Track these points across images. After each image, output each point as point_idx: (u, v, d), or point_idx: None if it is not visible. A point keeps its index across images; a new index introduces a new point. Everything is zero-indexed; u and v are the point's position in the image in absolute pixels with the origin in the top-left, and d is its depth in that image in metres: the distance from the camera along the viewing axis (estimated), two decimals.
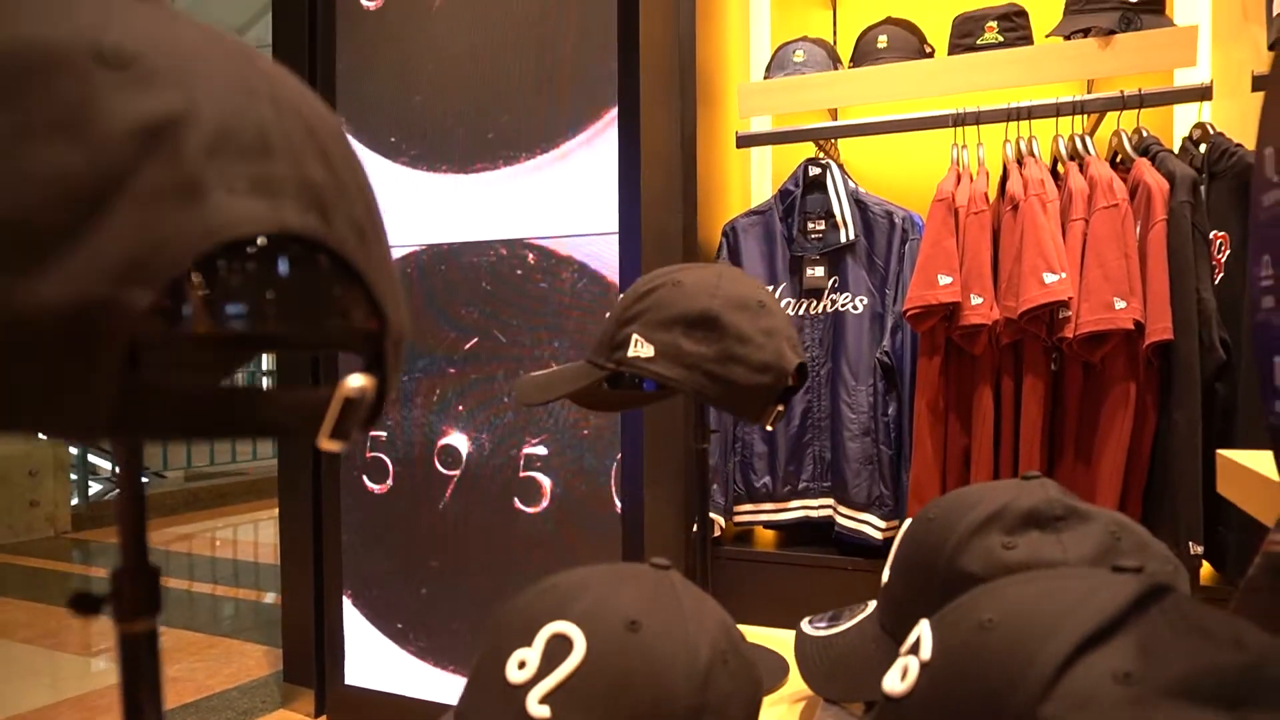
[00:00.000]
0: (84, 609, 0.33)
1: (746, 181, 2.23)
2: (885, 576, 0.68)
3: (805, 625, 0.78)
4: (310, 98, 0.30)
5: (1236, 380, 1.48)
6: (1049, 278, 1.50)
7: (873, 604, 0.72)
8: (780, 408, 0.84)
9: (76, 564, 3.79)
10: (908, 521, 0.67)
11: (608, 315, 0.85)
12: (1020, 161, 1.71)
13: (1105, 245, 1.50)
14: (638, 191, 1.93)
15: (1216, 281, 1.54)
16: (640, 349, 0.77)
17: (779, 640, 1.00)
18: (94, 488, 5.07)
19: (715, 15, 2.08)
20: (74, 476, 4.79)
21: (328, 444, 0.30)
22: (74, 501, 4.75)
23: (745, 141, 2.02)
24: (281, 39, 2.31)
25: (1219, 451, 0.79)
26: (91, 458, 5.15)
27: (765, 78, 2.07)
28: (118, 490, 0.39)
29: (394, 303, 0.32)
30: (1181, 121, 1.81)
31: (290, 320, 0.28)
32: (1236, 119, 1.77)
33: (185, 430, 0.26)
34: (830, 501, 1.91)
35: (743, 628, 1.15)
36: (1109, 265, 1.49)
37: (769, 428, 0.86)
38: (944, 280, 1.60)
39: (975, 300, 1.58)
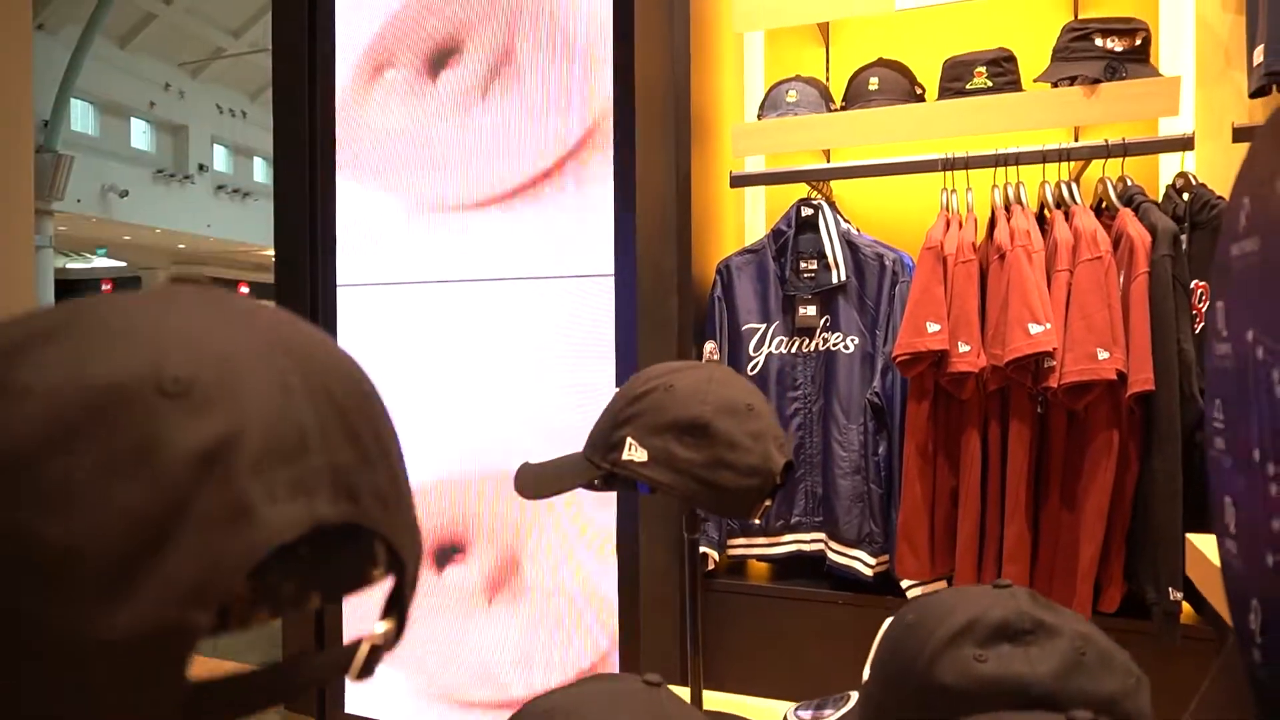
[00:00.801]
0: None
1: (740, 219, 2.26)
2: (866, 674, 0.71)
3: (791, 714, 0.81)
4: (336, 365, 0.34)
5: None
6: (1034, 328, 1.53)
7: (854, 695, 0.76)
8: (768, 502, 0.88)
9: None
10: (887, 621, 0.71)
11: (604, 410, 0.89)
12: (1008, 208, 1.75)
13: (1089, 297, 1.54)
14: (633, 232, 1.97)
15: (1197, 330, 1.58)
16: (635, 453, 0.80)
17: (765, 712, 1.04)
18: None
19: (709, 54, 2.11)
20: None
21: (356, 680, 0.33)
22: None
23: (739, 181, 2.06)
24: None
25: (1188, 536, 0.83)
26: None
27: (759, 116, 2.11)
28: None
29: (413, 554, 0.35)
30: (1167, 168, 1.85)
31: (316, 583, 0.31)
32: (1220, 165, 1.81)
33: (245, 709, 0.29)
34: (822, 536, 1.95)
35: (730, 697, 1.19)
36: (1092, 316, 1.53)
37: (756, 520, 0.90)
38: (932, 328, 1.63)
39: (963, 348, 1.61)
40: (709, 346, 2.02)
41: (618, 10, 2.05)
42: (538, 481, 0.87)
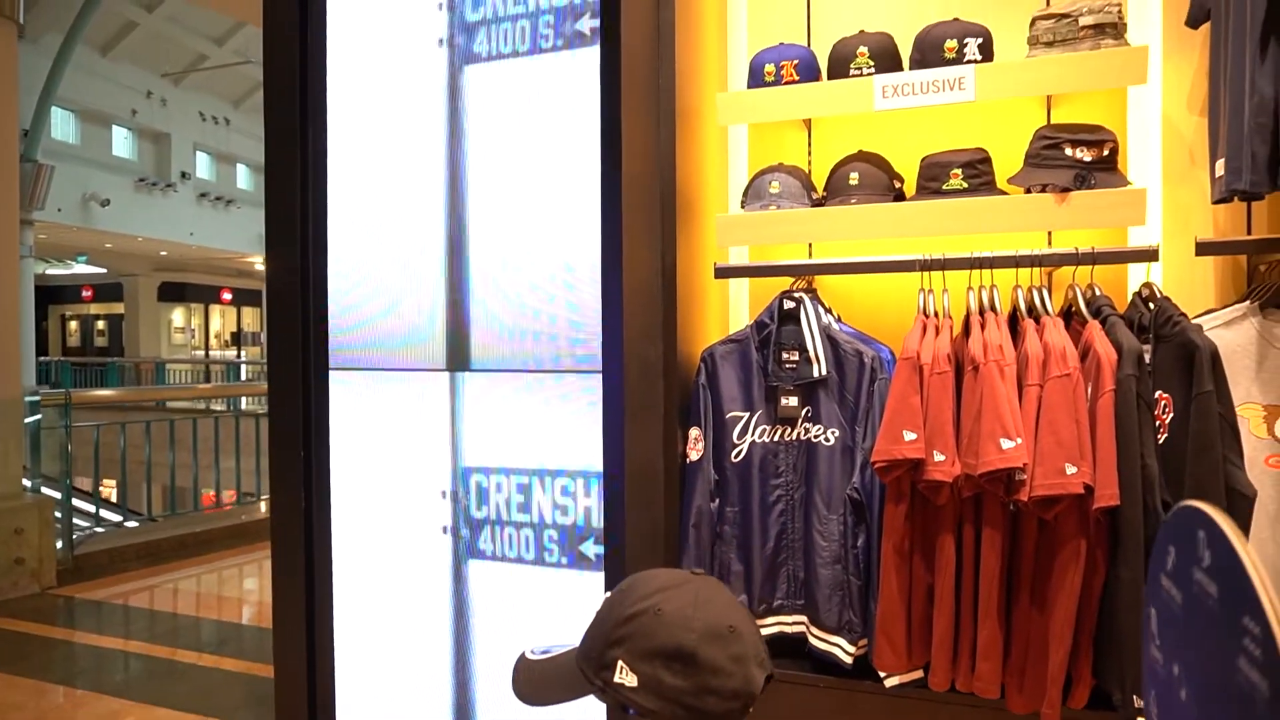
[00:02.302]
0: None
1: (725, 306, 2.32)
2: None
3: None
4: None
5: None
6: (1005, 444, 1.60)
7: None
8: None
9: (61, 626, 3.82)
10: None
11: (596, 616, 0.95)
12: (982, 313, 1.82)
13: (1058, 413, 1.60)
14: (620, 326, 2.02)
15: (1161, 441, 1.65)
16: (625, 677, 0.86)
17: None
18: (80, 534, 5.09)
19: (694, 144, 2.16)
20: (58, 525, 4.82)
21: None
22: (59, 546, 4.77)
23: (723, 273, 2.12)
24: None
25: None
26: (76, 501, 5.17)
27: (742, 204, 2.16)
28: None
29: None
30: (1136, 273, 1.92)
31: None
32: (1184, 277, 1.90)
33: None
34: (803, 619, 2.01)
35: None
36: (1061, 432, 1.59)
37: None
38: (909, 436, 1.69)
39: (938, 457, 1.68)
40: (694, 433, 2.07)
41: (605, 103, 2.11)
42: (537, 687, 0.93)
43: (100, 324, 23.14)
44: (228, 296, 23.76)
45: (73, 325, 23.90)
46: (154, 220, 16.70)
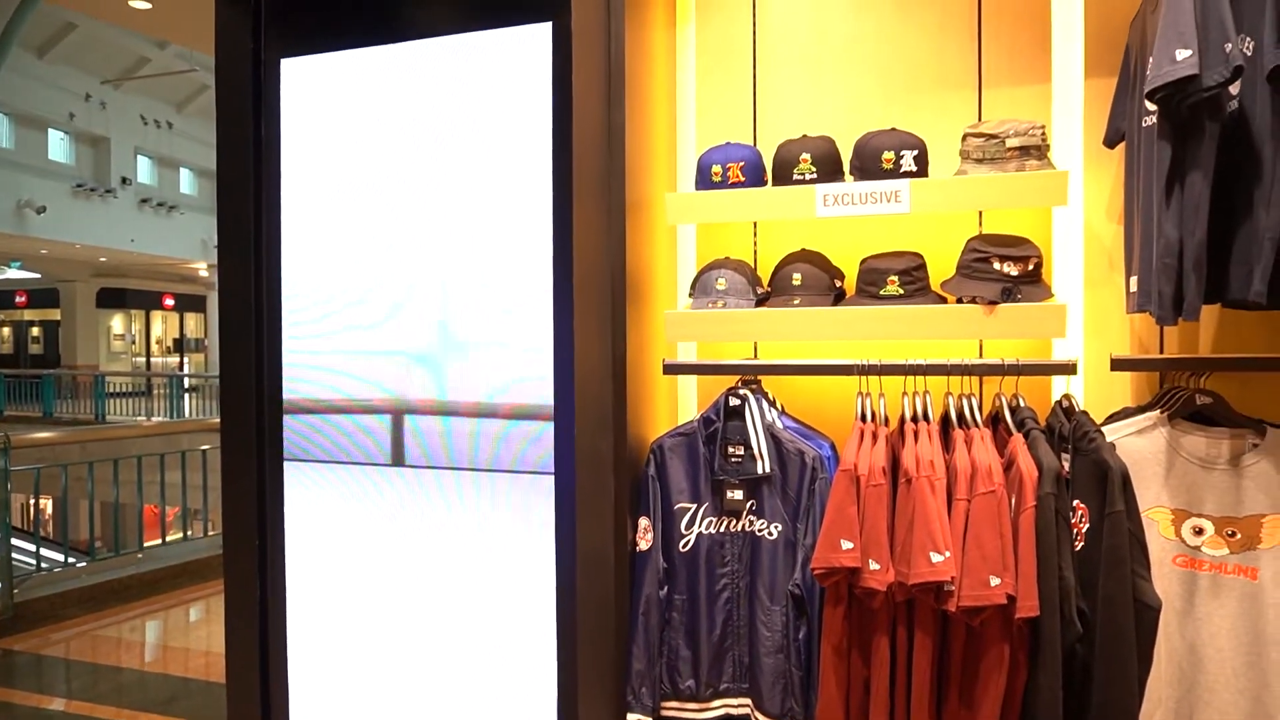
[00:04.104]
0: None
1: (674, 396, 2.40)
2: None
3: None
4: None
5: (1094, 640, 1.71)
6: (935, 557, 1.70)
7: None
8: None
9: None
10: None
11: None
12: (915, 420, 1.92)
13: (983, 528, 1.71)
14: (572, 425, 2.09)
15: (1078, 549, 1.76)
16: None
17: None
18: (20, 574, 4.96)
19: (644, 234, 2.23)
20: None
21: None
22: None
23: (672, 370, 2.19)
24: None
25: None
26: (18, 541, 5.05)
27: (690, 295, 2.24)
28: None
29: None
30: (1060, 383, 2.04)
31: None
32: (1102, 391, 2.03)
33: None
34: (748, 702, 2.10)
35: None
36: (986, 547, 1.70)
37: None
38: (846, 545, 1.79)
39: (873, 566, 1.77)
40: (644, 523, 2.14)
41: (557, 197, 2.17)
42: None
43: (35, 330, 22.42)
44: (170, 302, 23.21)
45: (5, 332, 23.12)
46: (93, 227, 16.24)
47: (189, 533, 6.56)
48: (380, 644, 2.32)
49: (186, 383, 15.82)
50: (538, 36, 2.14)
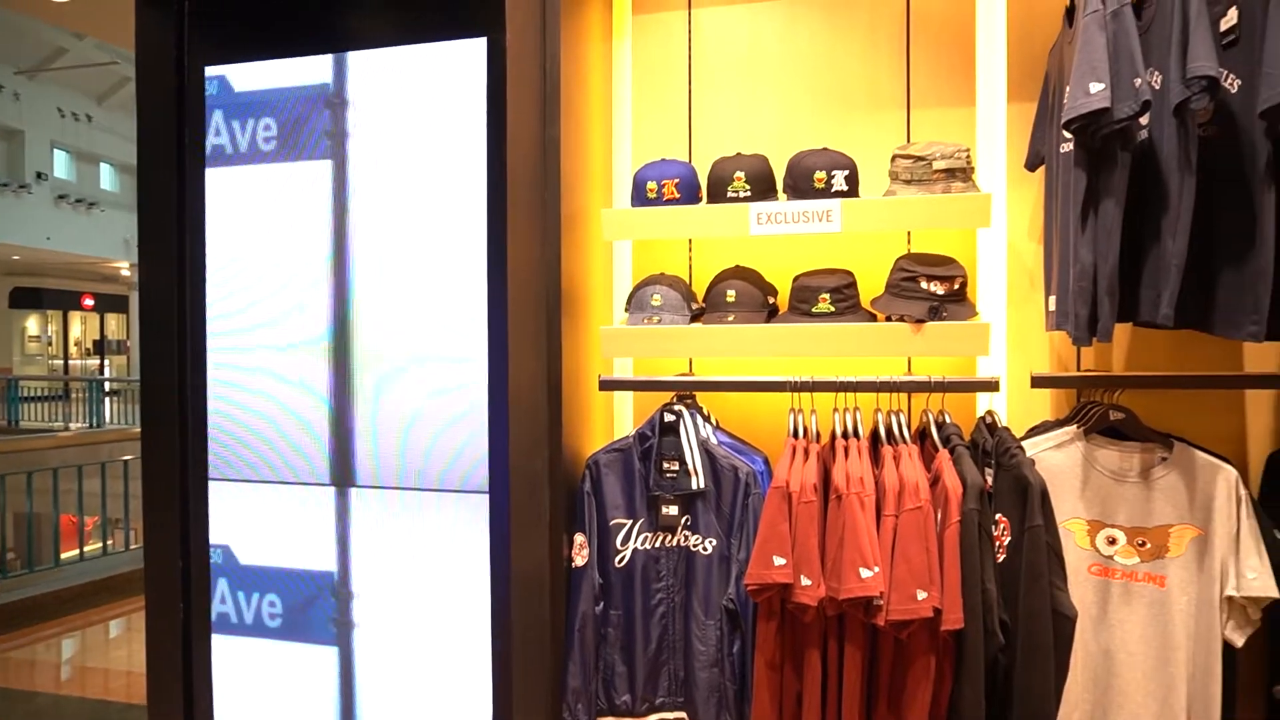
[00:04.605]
0: None
1: (610, 413, 2.40)
2: None
3: None
4: None
5: (1015, 649, 1.77)
6: (864, 573, 1.74)
7: None
8: None
9: None
10: None
11: None
12: (846, 436, 1.96)
13: (910, 543, 1.75)
14: (505, 443, 2.07)
15: (1000, 561, 1.82)
16: None
17: None
18: None
19: (580, 248, 2.23)
20: None
21: None
22: None
23: (607, 385, 2.20)
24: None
25: None
26: None
27: (625, 311, 2.25)
28: None
29: None
30: (984, 399, 2.10)
31: None
32: (1022, 407, 2.10)
33: None
34: (684, 715, 2.11)
35: None
36: (913, 561, 1.74)
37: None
38: (778, 561, 1.82)
39: (805, 581, 1.81)
40: (579, 539, 2.14)
41: (491, 211, 2.15)
42: None
43: None
44: (90, 303, 22.30)
45: None
46: (4, 224, 15.51)
47: (109, 544, 6.32)
48: (309, 665, 2.27)
49: (107, 386, 15.22)
50: (472, 52, 2.12)
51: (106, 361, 22.84)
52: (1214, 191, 1.73)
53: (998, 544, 1.83)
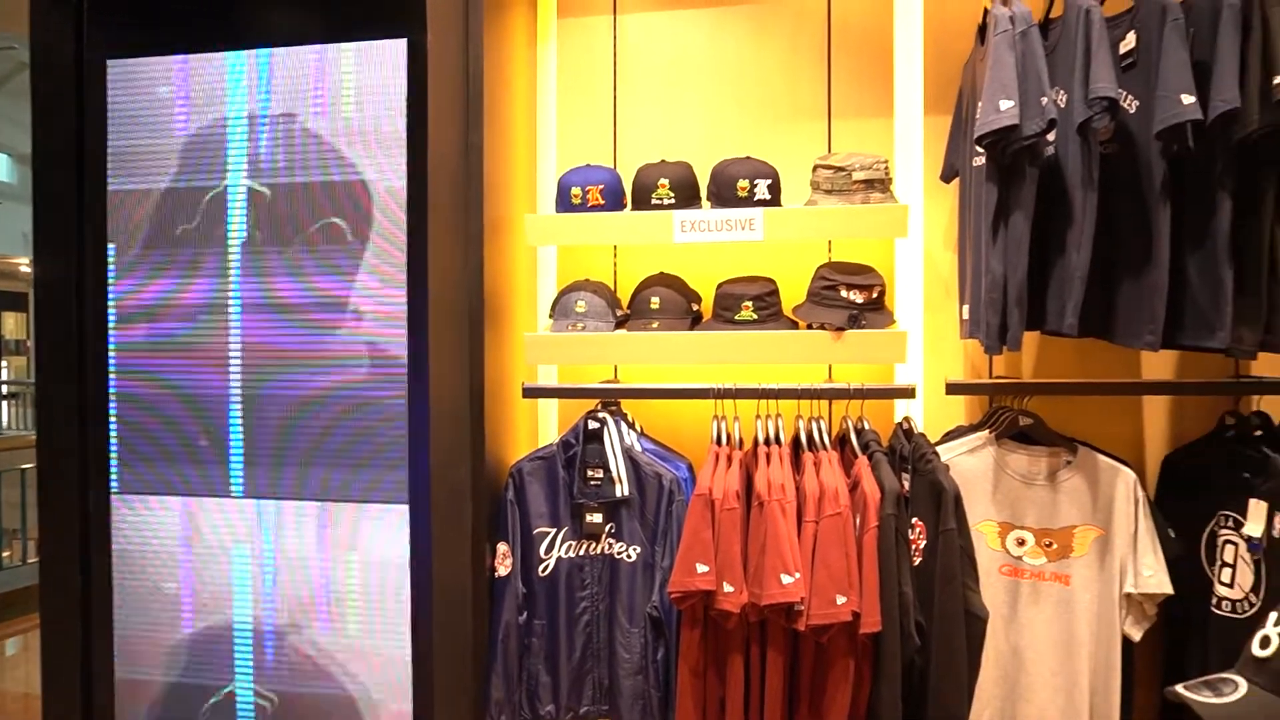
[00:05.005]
0: None
1: (534, 420, 2.38)
2: None
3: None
4: None
5: (930, 650, 1.81)
6: (785, 579, 1.76)
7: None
8: None
9: None
10: None
11: None
12: (768, 443, 1.98)
13: (830, 549, 1.78)
14: (428, 451, 2.03)
15: (916, 564, 1.87)
16: None
17: None
18: None
19: (504, 254, 2.20)
20: None
21: None
22: None
23: (531, 393, 2.17)
24: None
25: None
26: None
27: (550, 317, 2.23)
28: None
29: None
30: (901, 406, 2.15)
31: None
32: (938, 413, 2.15)
33: None
34: None
35: None
36: (833, 566, 1.77)
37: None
38: (701, 569, 1.83)
39: (727, 588, 1.82)
40: (502, 548, 2.11)
41: (412, 216, 2.11)
42: None
43: None
44: None
45: None
46: None
47: (6, 557, 5.98)
48: (219, 684, 2.18)
49: (5, 389, 14.43)
50: (393, 53, 2.07)
51: (4, 363, 21.64)
52: (1115, 207, 1.80)
53: (914, 547, 1.88)
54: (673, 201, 2.15)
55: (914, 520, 1.89)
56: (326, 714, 2.11)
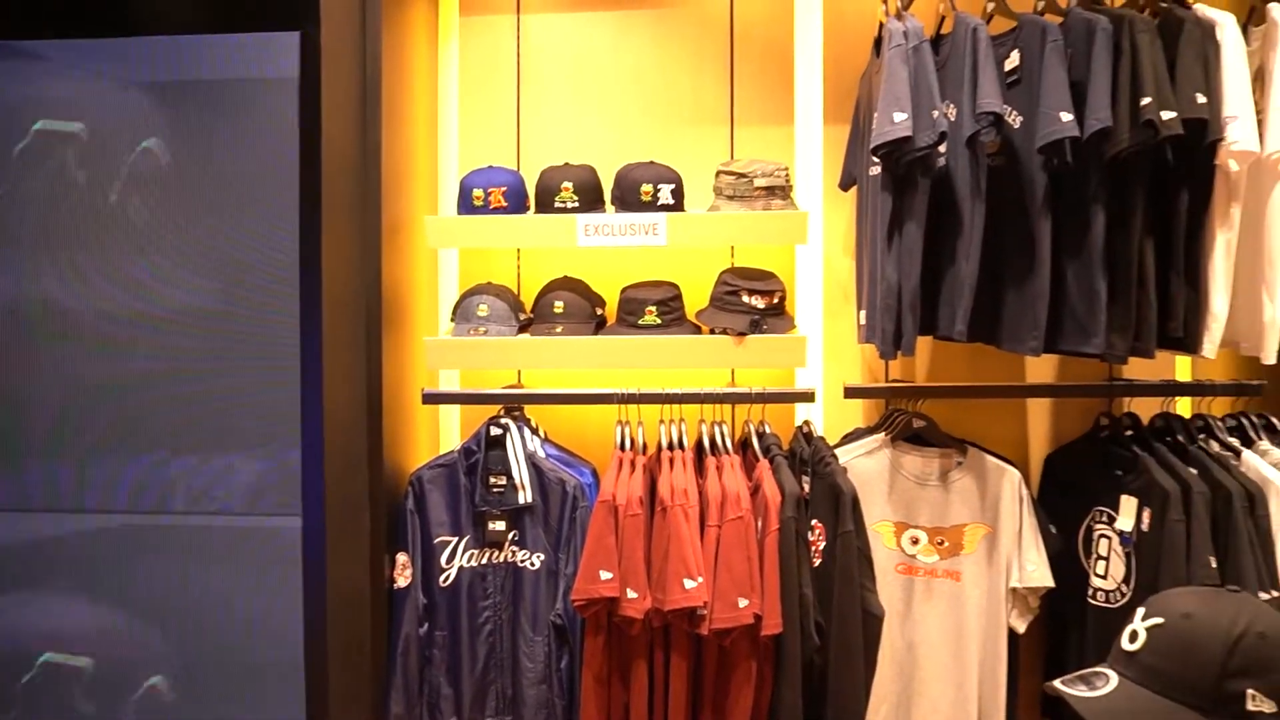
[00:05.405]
0: None
1: (436, 427, 2.33)
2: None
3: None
4: None
5: (829, 650, 1.85)
6: (689, 584, 1.77)
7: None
8: None
9: None
10: None
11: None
12: (671, 448, 1.99)
13: (732, 552, 1.80)
14: (320, 460, 1.96)
15: (816, 565, 1.90)
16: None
17: None
18: None
19: (403, 256, 2.14)
20: None
21: None
22: None
23: (431, 399, 2.12)
24: None
25: None
26: None
27: (451, 321, 2.18)
28: None
29: None
30: (803, 409, 2.19)
31: None
32: (837, 417, 2.20)
33: None
34: None
35: None
36: (735, 570, 1.79)
37: None
38: (605, 576, 1.82)
39: (631, 595, 1.82)
40: (402, 559, 2.06)
41: (305, 215, 2.03)
42: None
43: None
44: None
45: None
46: None
47: None
48: None
49: None
50: (285, 46, 1.99)
51: None
52: (1002, 218, 1.88)
53: (813, 549, 1.92)
54: (576, 205, 2.13)
55: (814, 522, 1.93)
56: None
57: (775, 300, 2.10)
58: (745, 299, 2.08)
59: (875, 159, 1.89)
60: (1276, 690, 0.98)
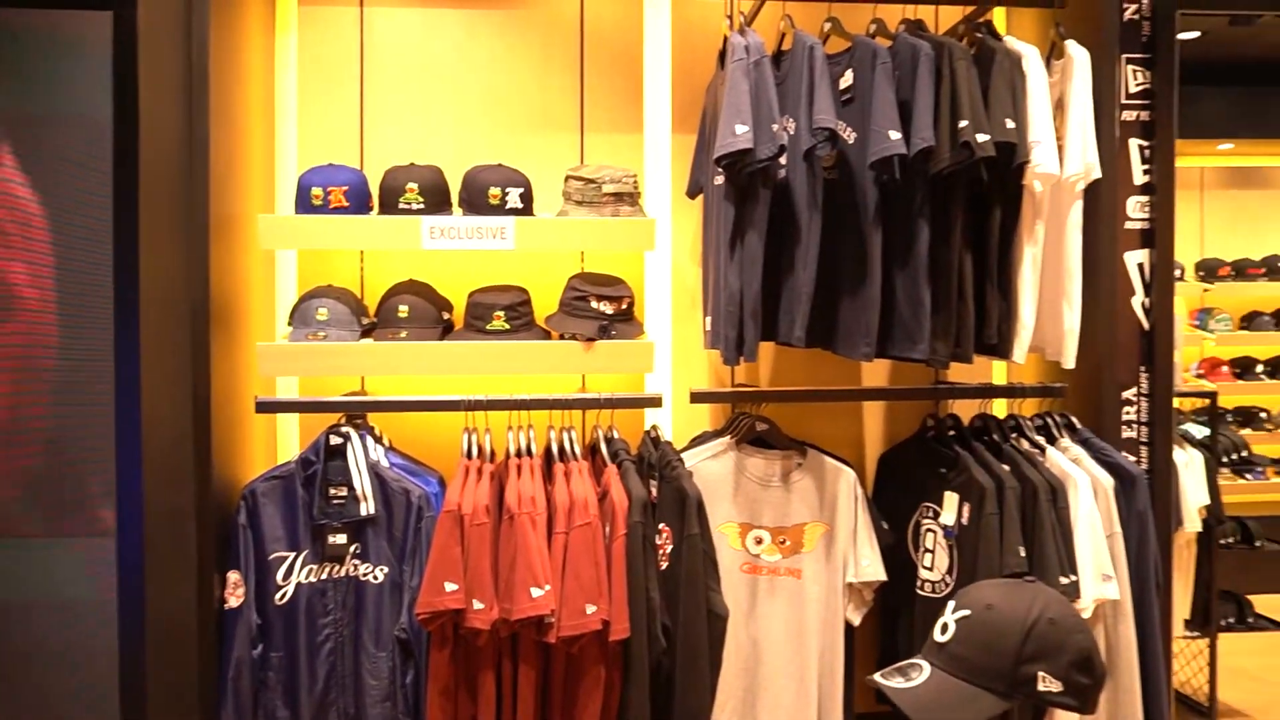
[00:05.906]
0: None
1: (273, 437, 2.21)
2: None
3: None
4: None
5: (675, 651, 1.88)
6: (536, 592, 1.75)
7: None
8: None
9: None
10: None
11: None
12: (520, 455, 1.97)
13: (580, 559, 1.80)
14: (139, 474, 1.83)
15: (663, 568, 1.93)
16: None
17: None
18: None
19: (236, 257, 2.02)
20: None
21: None
22: None
23: (266, 407, 2.01)
24: None
25: None
26: None
27: (289, 325, 2.08)
28: None
29: None
30: (651, 414, 2.22)
31: None
32: (684, 422, 2.24)
33: None
34: None
35: None
36: (583, 576, 1.79)
37: None
38: (450, 587, 1.78)
39: (477, 605, 1.78)
40: (233, 577, 1.94)
41: (120, 211, 1.89)
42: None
43: None
44: None
45: None
46: None
47: None
48: None
49: None
50: (96, 25, 1.84)
51: None
52: (838, 229, 1.97)
53: (661, 552, 1.94)
54: (422, 206, 2.08)
55: (661, 526, 1.95)
56: None
57: (624, 306, 2.11)
58: (594, 305, 2.08)
59: (719, 169, 1.93)
60: (1062, 670, 1.08)
